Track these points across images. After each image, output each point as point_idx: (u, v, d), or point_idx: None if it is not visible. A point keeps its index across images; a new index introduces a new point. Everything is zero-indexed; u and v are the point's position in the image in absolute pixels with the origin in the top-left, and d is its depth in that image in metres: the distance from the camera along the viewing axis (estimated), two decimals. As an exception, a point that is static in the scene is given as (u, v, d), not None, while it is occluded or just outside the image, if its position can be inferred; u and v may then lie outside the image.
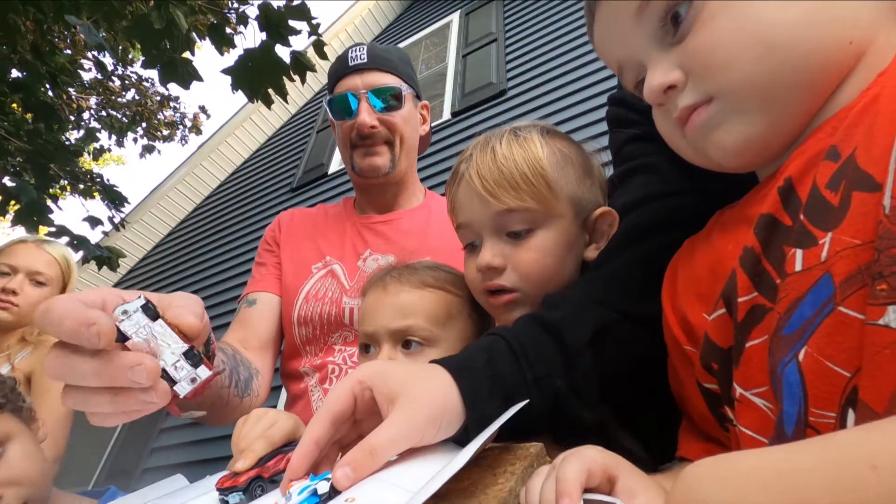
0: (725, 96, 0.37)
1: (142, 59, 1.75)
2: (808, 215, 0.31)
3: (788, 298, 0.31)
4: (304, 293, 0.96)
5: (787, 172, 0.35)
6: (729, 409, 0.38)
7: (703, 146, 0.40)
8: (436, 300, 0.64)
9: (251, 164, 5.13)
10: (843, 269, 0.28)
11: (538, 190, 0.57)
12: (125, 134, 5.54)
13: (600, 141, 0.68)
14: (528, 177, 0.57)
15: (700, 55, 0.37)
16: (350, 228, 1.06)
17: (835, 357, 0.27)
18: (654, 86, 0.40)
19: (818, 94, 0.35)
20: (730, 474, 0.21)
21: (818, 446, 0.20)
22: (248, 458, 0.45)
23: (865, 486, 0.17)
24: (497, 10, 4.15)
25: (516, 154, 0.58)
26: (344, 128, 1.02)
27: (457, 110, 3.50)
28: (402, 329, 0.61)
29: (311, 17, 1.70)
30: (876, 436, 0.19)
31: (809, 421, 0.28)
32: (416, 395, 0.39)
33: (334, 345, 0.93)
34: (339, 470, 0.34)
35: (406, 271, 0.67)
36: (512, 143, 0.60)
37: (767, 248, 0.35)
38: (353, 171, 1.05)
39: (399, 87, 1.02)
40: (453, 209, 0.64)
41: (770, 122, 0.36)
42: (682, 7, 0.37)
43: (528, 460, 0.36)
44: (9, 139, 2.27)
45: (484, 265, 0.58)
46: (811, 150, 0.34)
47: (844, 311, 0.27)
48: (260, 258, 1.07)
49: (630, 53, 0.43)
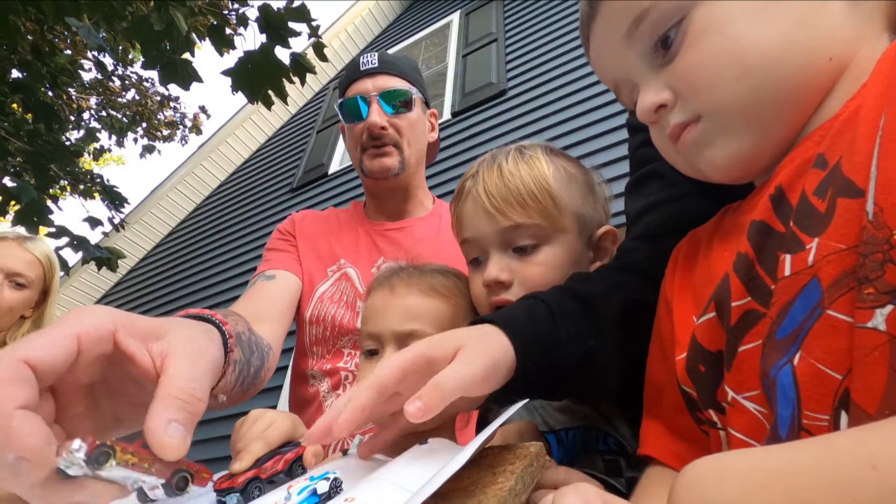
0: (711, 115, 0.39)
1: (142, 59, 1.76)
2: (797, 221, 0.32)
3: (779, 303, 0.32)
4: (319, 294, 0.97)
5: (778, 180, 0.36)
6: (714, 413, 0.38)
7: (695, 162, 0.42)
8: (443, 307, 0.61)
9: (251, 164, 5.13)
10: (830, 273, 0.28)
11: (544, 206, 0.59)
12: (125, 134, 5.53)
13: (600, 141, 0.70)
14: (535, 193, 0.59)
15: (687, 76, 0.39)
16: (363, 235, 1.07)
17: (826, 360, 0.28)
18: (646, 106, 0.42)
19: (802, 110, 0.36)
20: (730, 475, 0.21)
21: (818, 446, 0.20)
22: (245, 459, 0.45)
23: (866, 486, 0.17)
24: (497, 10, 4.15)
25: (523, 171, 0.60)
26: (355, 130, 1.04)
27: (457, 110, 3.50)
28: (407, 333, 0.59)
29: (310, 19, 1.70)
30: (876, 436, 0.19)
31: (803, 424, 0.29)
32: (478, 345, 0.42)
33: (343, 348, 0.93)
34: (411, 404, 0.34)
35: (415, 273, 0.65)
36: (518, 160, 0.62)
37: (761, 254, 0.35)
38: (363, 173, 1.06)
39: (409, 92, 1.04)
40: (459, 224, 0.66)
41: (756, 138, 0.38)
42: (671, 31, 0.39)
43: (527, 459, 0.36)
44: (9, 139, 2.27)
45: (491, 279, 0.59)
46: (800, 159, 0.35)
47: (833, 314, 0.28)
48: (274, 245, 1.06)
49: (624, 73, 0.45)
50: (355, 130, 1.04)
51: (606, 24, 0.44)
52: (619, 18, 0.42)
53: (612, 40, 0.44)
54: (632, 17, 0.41)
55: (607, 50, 0.46)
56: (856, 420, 0.25)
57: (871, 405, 0.25)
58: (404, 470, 0.36)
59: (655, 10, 0.39)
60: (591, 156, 2.54)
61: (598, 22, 0.45)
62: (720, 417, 0.38)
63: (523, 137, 2.93)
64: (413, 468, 0.37)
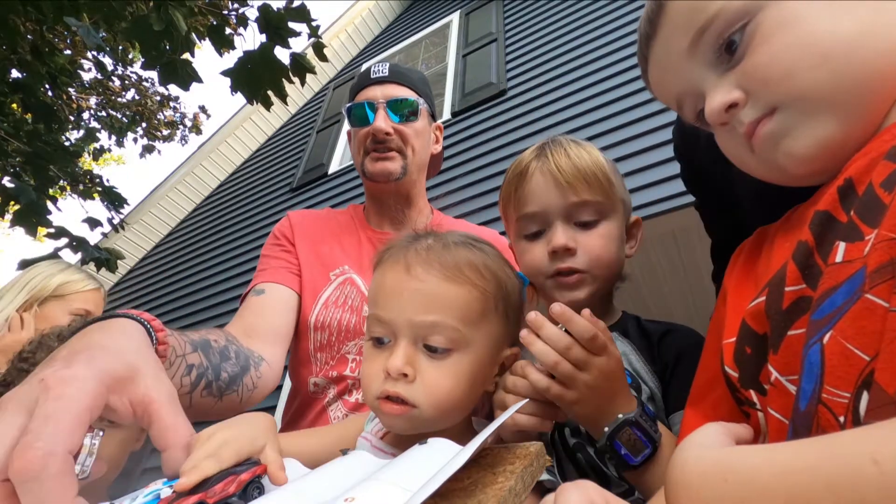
0: (790, 104, 0.38)
1: (142, 59, 1.75)
2: (859, 211, 0.32)
3: (824, 286, 0.32)
4: (324, 300, 0.96)
5: (849, 173, 0.35)
6: (755, 393, 0.38)
7: (772, 157, 0.41)
8: (469, 295, 0.53)
9: (251, 164, 5.13)
10: (876, 259, 0.28)
11: (605, 187, 0.67)
12: (125, 134, 5.54)
13: (600, 141, 0.72)
14: (597, 175, 0.67)
15: (758, 72, 0.39)
16: (365, 241, 1.07)
17: (857, 340, 0.28)
18: (716, 106, 0.42)
19: (886, 97, 0.36)
20: (732, 475, 0.21)
21: (820, 445, 0.20)
22: (193, 476, 0.38)
23: (867, 481, 0.17)
24: (497, 10, 4.15)
25: (585, 156, 0.69)
26: (360, 135, 1.05)
27: (457, 110, 3.50)
28: (427, 324, 0.51)
29: (310, 19, 1.70)
30: (877, 433, 0.19)
31: (822, 398, 0.29)
32: None
33: (347, 354, 0.92)
34: None
35: (436, 247, 0.55)
36: (580, 147, 0.70)
37: (821, 243, 0.35)
38: (365, 175, 1.06)
39: (416, 102, 1.06)
40: (522, 200, 0.70)
41: (840, 125, 0.37)
42: (736, 35, 0.40)
43: (527, 459, 0.36)
44: (8, 140, 2.27)
45: (561, 245, 0.65)
46: (875, 152, 0.35)
47: (871, 298, 0.28)
48: (268, 251, 1.04)
49: (688, 86, 0.46)
50: (360, 134, 1.05)
51: (669, 40, 0.45)
52: (681, 32, 0.43)
53: (675, 54, 0.45)
54: (695, 27, 0.42)
55: (670, 65, 0.46)
56: (875, 401, 0.25)
57: (892, 386, 0.25)
58: (404, 470, 0.36)
59: (720, 18, 0.40)
60: (591, 156, 2.54)
61: (658, 40, 0.46)
62: (760, 399, 0.38)
63: (523, 137, 2.93)
64: (413, 468, 0.36)
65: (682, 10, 0.43)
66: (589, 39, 3.20)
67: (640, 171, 2.32)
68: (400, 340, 0.51)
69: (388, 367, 0.50)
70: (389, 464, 0.39)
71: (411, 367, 0.50)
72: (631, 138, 2.46)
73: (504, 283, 0.57)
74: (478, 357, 0.53)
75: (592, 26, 3.26)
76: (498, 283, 0.56)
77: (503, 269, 0.58)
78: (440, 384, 0.50)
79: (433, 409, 0.50)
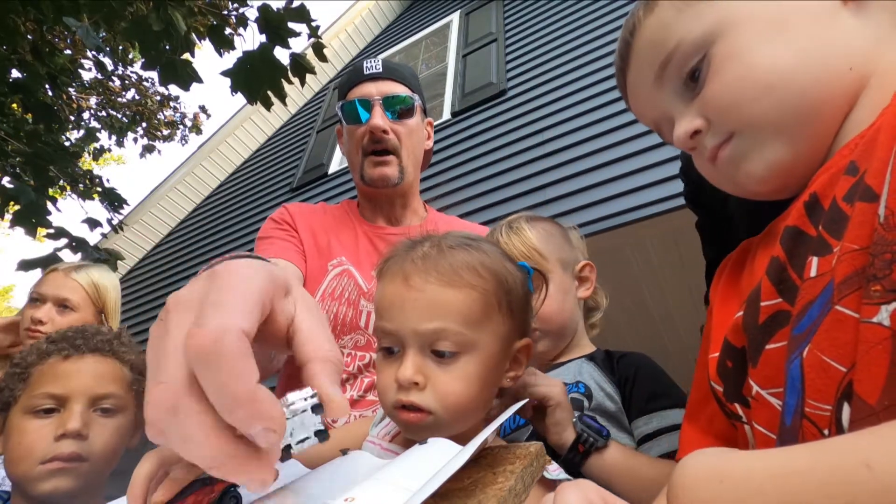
0: (742, 131, 0.42)
1: (142, 59, 1.75)
2: (826, 225, 0.34)
3: (802, 302, 0.33)
4: (321, 292, 0.95)
5: (813, 188, 0.38)
6: (740, 407, 0.40)
7: (734, 177, 0.45)
8: (469, 297, 0.53)
9: (251, 164, 5.13)
10: (842, 271, 0.29)
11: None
12: (125, 134, 5.54)
13: (600, 141, 0.71)
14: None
15: (713, 101, 0.43)
16: (362, 235, 1.06)
17: (832, 352, 0.29)
18: (681, 133, 0.46)
19: (828, 119, 0.39)
20: (727, 478, 0.21)
21: (813, 448, 0.21)
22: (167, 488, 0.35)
23: (860, 484, 0.17)
24: (497, 10, 4.15)
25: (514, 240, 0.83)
26: (356, 134, 1.03)
27: (457, 110, 3.50)
28: (431, 332, 0.51)
29: (310, 20, 1.70)
30: (870, 437, 0.19)
31: (805, 412, 0.30)
32: None
33: (344, 348, 0.92)
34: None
35: (431, 254, 0.55)
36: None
37: (792, 258, 0.37)
38: (363, 180, 1.05)
39: (411, 99, 1.05)
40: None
41: (788, 148, 0.41)
42: (699, 65, 0.43)
43: (527, 459, 0.36)
44: (8, 140, 2.27)
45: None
46: (835, 167, 0.37)
47: (840, 309, 0.29)
48: (268, 233, 1.01)
49: (661, 113, 0.50)
50: (356, 133, 1.03)
51: (639, 72, 0.49)
52: (647, 66, 0.48)
53: (646, 85, 0.49)
54: (658, 61, 0.46)
55: (643, 94, 0.50)
56: (858, 411, 0.26)
57: (871, 396, 0.25)
58: (404, 470, 0.36)
59: (679, 51, 0.44)
60: (591, 156, 2.54)
61: (630, 72, 0.51)
62: (745, 412, 0.39)
63: (523, 137, 2.94)
64: (413, 468, 0.36)
65: (645, 45, 0.48)
66: (589, 39, 3.20)
67: (640, 171, 2.32)
68: (408, 350, 0.52)
69: (398, 377, 0.51)
70: (389, 464, 0.39)
71: (421, 375, 0.51)
72: (631, 138, 2.45)
73: (504, 279, 0.56)
74: (486, 356, 0.53)
75: (592, 26, 3.26)
76: (497, 281, 0.55)
77: (503, 264, 0.57)
78: (452, 388, 0.51)
79: (448, 413, 0.50)
